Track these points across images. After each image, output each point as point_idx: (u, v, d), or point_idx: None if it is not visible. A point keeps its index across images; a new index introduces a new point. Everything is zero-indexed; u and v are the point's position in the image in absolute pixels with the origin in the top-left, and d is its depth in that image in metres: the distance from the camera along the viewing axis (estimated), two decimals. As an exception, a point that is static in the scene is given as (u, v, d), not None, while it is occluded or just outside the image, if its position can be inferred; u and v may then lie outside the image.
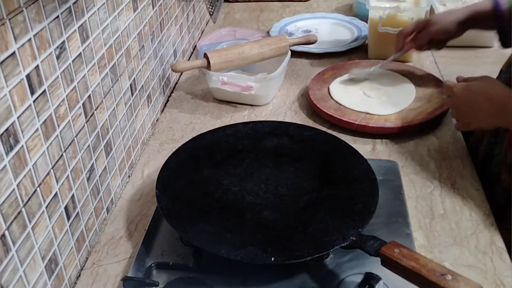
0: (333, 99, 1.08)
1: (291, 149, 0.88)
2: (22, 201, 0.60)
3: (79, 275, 0.75)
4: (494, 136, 0.92)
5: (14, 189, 0.58)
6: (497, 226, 0.80)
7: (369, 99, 1.08)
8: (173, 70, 1.08)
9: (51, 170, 0.66)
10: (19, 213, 0.59)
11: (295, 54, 1.28)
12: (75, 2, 0.69)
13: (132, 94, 0.94)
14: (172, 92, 1.20)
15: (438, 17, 1.07)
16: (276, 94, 1.16)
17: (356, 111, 1.04)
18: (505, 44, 1.02)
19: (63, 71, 0.68)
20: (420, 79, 1.13)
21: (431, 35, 1.06)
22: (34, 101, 0.61)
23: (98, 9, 0.77)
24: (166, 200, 0.76)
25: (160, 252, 0.75)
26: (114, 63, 0.84)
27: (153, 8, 1.02)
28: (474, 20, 1.01)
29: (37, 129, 0.62)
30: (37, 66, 0.61)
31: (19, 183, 0.59)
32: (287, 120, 1.07)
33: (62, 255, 0.70)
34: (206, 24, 1.54)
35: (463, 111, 0.88)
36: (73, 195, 0.72)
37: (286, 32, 1.42)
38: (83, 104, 0.74)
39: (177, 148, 0.88)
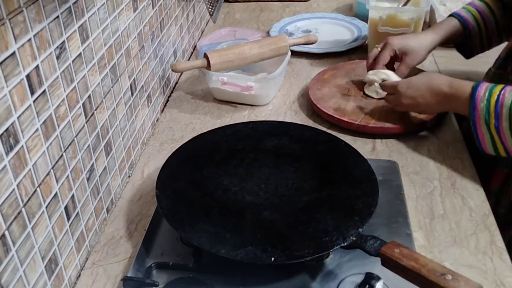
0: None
1: (291, 149, 0.88)
2: (22, 201, 0.60)
3: (79, 275, 0.75)
4: None
5: (14, 189, 0.58)
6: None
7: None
8: (173, 70, 1.08)
9: (51, 170, 0.66)
10: (19, 213, 0.59)
11: (295, 54, 1.28)
12: (75, 2, 0.69)
13: (132, 94, 0.94)
14: (172, 92, 1.20)
15: (414, 47, 1.05)
16: (276, 94, 1.16)
17: (357, 110, 1.04)
18: (467, 56, 1.11)
19: (63, 71, 0.68)
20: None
21: (410, 66, 1.06)
22: (34, 101, 0.61)
23: (98, 9, 0.77)
24: (166, 200, 0.76)
25: (160, 252, 0.75)
26: (114, 63, 0.84)
27: (153, 8, 1.02)
28: (442, 43, 1.08)
29: (37, 129, 0.62)
30: (37, 66, 0.61)
31: (19, 183, 0.59)
32: (287, 120, 1.07)
33: (62, 255, 0.70)
34: (206, 24, 1.54)
35: (408, 105, 0.95)
36: (73, 195, 0.72)
37: (286, 32, 1.42)
38: (83, 104, 0.74)
39: (177, 148, 0.88)
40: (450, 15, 1.09)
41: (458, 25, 1.06)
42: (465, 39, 1.07)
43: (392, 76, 1.02)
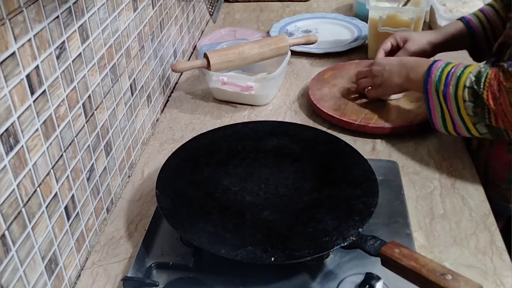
0: None
1: (291, 149, 0.88)
2: (22, 201, 0.60)
3: (79, 275, 0.75)
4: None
5: (14, 189, 0.58)
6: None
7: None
8: (173, 70, 1.08)
9: (51, 170, 0.66)
10: (19, 213, 0.59)
11: (295, 54, 1.28)
12: (75, 2, 0.69)
13: (132, 94, 0.94)
14: (172, 92, 1.20)
15: (415, 36, 1.10)
16: (276, 94, 1.16)
17: (357, 110, 1.04)
18: (476, 59, 1.11)
19: (63, 71, 0.68)
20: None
21: (409, 53, 1.08)
22: (34, 101, 0.61)
23: (98, 9, 0.77)
24: (166, 200, 0.76)
25: (160, 252, 0.75)
26: (114, 63, 0.84)
27: (153, 8, 1.02)
28: (448, 42, 1.09)
29: (37, 129, 0.62)
30: (37, 66, 0.61)
31: (19, 183, 0.59)
32: (287, 120, 1.07)
33: (62, 255, 0.70)
34: (206, 24, 1.54)
35: (379, 74, 1.00)
36: (73, 195, 0.72)
37: (286, 32, 1.42)
38: (83, 104, 0.74)
39: (177, 148, 0.88)
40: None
41: (461, 25, 1.08)
42: (472, 40, 1.08)
43: None
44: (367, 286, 0.66)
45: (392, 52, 1.11)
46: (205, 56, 1.09)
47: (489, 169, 0.93)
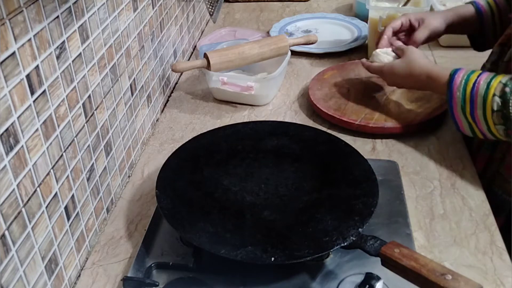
0: None
1: (291, 149, 0.88)
2: (22, 201, 0.60)
3: (79, 275, 0.75)
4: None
5: (14, 189, 0.58)
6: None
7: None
8: (173, 70, 1.08)
9: (51, 170, 0.66)
10: (19, 213, 0.59)
11: (295, 54, 1.28)
12: (75, 2, 0.69)
13: (132, 94, 0.94)
14: (172, 92, 1.20)
15: (430, 13, 1.09)
16: (276, 94, 1.16)
17: (357, 110, 1.04)
18: (477, 48, 1.11)
19: (63, 71, 0.68)
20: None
21: (430, 30, 1.06)
22: (34, 101, 0.61)
23: (98, 9, 0.77)
24: (166, 200, 0.76)
25: (160, 252, 0.75)
26: (114, 63, 0.84)
27: (153, 8, 1.02)
28: (458, 24, 1.08)
29: (37, 129, 0.62)
30: (37, 66, 0.61)
31: (19, 183, 0.59)
32: (287, 120, 1.07)
33: (62, 255, 0.70)
34: (206, 24, 1.54)
35: (394, 85, 1.04)
36: (73, 195, 0.72)
37: (286, 32, 1.42)
38: (83, 104, 0.74)
39: (177, 148, 0.88)
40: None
41: (471, 9, 1.06)
42: (479, 26, 1.06)
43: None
44: (367, 286, 0.66)
45: (400, 33, 1.09)
46: (205, 56, 1.09)
47: (503, 162, 0.91)
